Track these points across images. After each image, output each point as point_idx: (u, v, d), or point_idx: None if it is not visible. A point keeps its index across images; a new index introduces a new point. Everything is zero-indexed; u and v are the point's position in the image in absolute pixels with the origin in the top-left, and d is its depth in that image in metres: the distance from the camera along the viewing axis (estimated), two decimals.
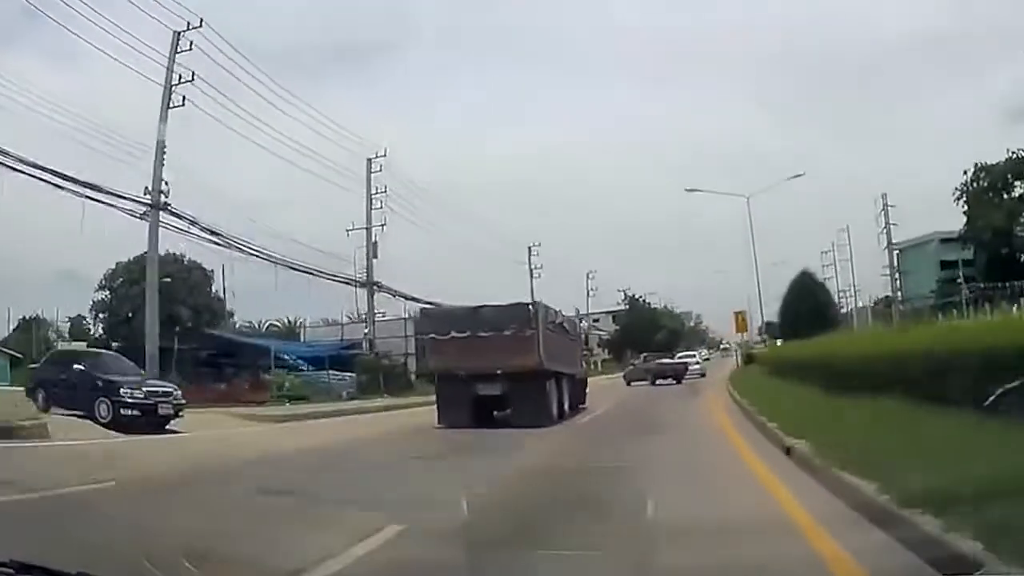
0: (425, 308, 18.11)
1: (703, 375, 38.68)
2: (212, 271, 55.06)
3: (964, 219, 64.61)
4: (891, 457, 5.74)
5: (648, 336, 78.66)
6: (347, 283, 35.31)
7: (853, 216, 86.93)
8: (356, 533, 5.00)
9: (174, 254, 52.66)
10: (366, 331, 36.58)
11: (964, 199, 63.00)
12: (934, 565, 3.66)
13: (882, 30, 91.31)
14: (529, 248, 57.51)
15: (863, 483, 5.22)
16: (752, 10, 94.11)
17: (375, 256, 36.19)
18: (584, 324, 38.15)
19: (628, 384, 36.58)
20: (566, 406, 16.24)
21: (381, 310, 38.52)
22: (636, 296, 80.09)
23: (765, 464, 7.87)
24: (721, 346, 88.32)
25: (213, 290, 58.18)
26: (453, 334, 14.89)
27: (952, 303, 62.75)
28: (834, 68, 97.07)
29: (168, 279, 53.37)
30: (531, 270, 56.82)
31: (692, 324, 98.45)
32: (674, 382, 34.54)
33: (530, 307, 14.91)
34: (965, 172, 62.97)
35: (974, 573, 3.12)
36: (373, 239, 36.54)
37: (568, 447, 11.48)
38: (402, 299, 38.49)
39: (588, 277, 73.07)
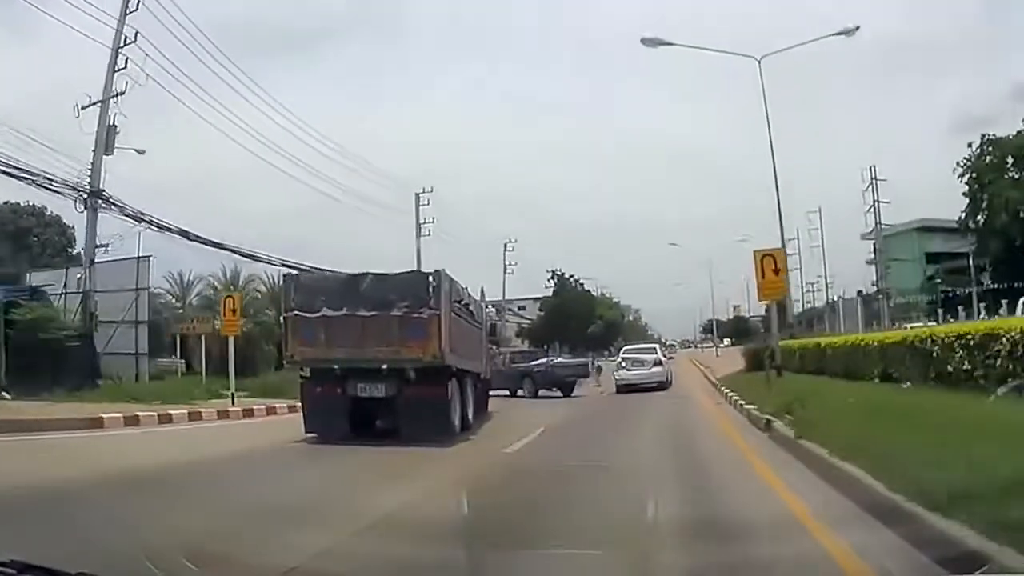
0: (292, 273, 16.62)
1: (664, 386, 28.91)
2: (72, 226, 52.32)
3: (965, 201, 67.97)
4: None
5: (580, 325, 78.73)
6: (50, 189, 24.74)
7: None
8: None
9: (33, 205, 51.13)
10: (79, 276, 26.98)
11: (968, 177, 66.65)
12: None
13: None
14: (417, 195, 48.77)
15: None
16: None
17: (109, 152, 25.81)
18: (491, 310, 33.69)
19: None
20: (470, 415, 15.19)
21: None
22: (567, 275, 79.87)
23: None
24: (667, 343, 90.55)
25: (75, 249, 55.98)
26: (325, 311, 13.43)
27: (953, 298, 66.28)
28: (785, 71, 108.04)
29: None
30: (418, 224, 48.04)
31: (631, 319, 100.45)
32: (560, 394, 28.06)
33: (430, 278, 13.55)
34: (970, 145, 66.75)
35: (977, 571, 3.73)
36: (109, 120, 26.01)
37: None
38: (153, 228, 27.38)
39: (505, 248, 66.41)
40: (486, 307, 23.92)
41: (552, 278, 79.41)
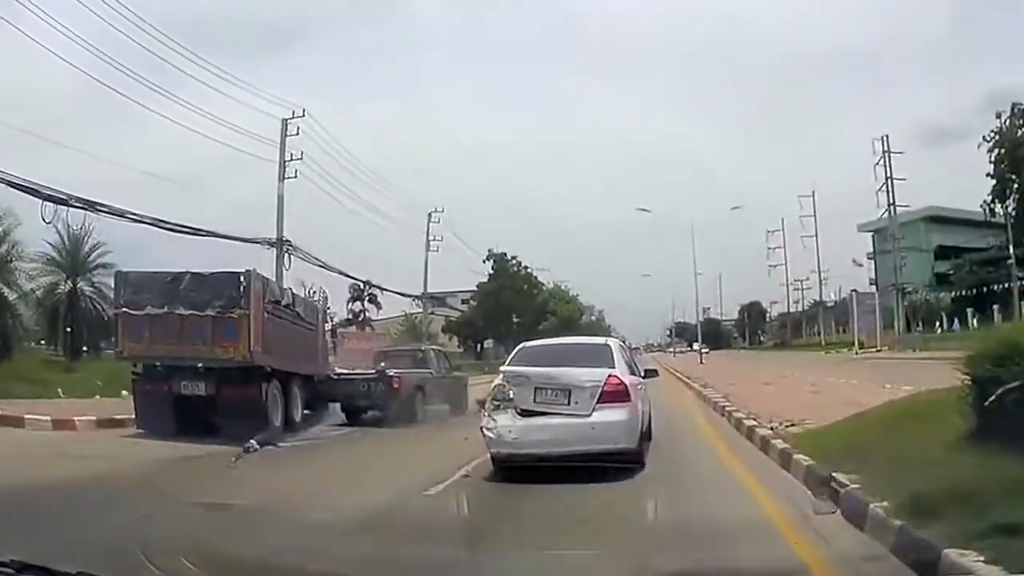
0: (122, 271, 21.16)
1: (630, 457, 12.60)
2: None
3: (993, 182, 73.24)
4: None
5: (530, 321, 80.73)
6: None
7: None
8: None
9: None
10: None
11: (996, 153, 71.99)
12: None
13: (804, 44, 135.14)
14: (284, 121, 45.25)
15: None
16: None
17: None
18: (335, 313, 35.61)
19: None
20: (296, 417, 19.86)
21: None
22: (507, 256, 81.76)
23: None
24: (631, 347, 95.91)
25: None
26: (149, 309, 17.99)
27: (985, 295, 71.42)
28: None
29: None
30: (282, 167, 45.21)
31: (593, 319, 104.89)
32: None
33: (241, 278, 18.01)
34: (999, 116, 72.04)
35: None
36: None
37: None
38: None
39: (430, 218, 69.50)
40: (327, 309, 28.47)
41: (489, 258, 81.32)
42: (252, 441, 15.83)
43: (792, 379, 32.87)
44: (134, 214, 35.28)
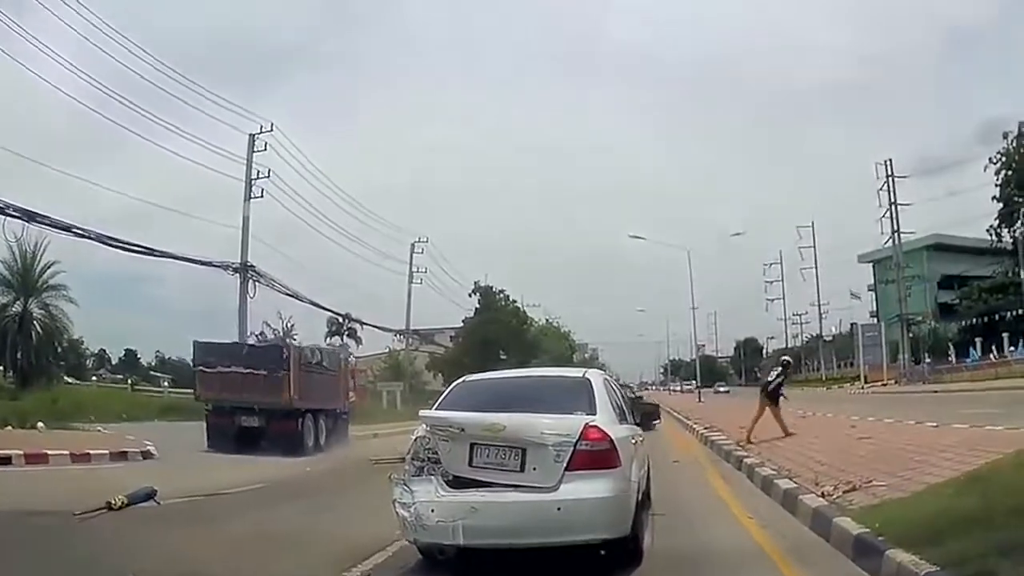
0: (198, 340, 33.16)
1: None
2: None
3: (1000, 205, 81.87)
4: None
5: (519, 357, 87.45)
6: None
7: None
8: None
9: None
10: None
11: (1003, 175, 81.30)
12: None
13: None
14: (251, 137, 55.22)
15: None
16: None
17: None
18: (350, 358, 47.60)
19: None
20: (322, 440, 32.42)
21: None
22: (494, 289, 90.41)
23: None
24: (624, 385, 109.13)
25: None
26: (219, 368, 30.78)
27: (996, 323, 78.94)
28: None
29: None
30: (248, 186, 53.97)
31: (586, 356, 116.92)
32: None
33: (283, 351, 31.31)
34: (1005, 136, 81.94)
35: None
36: None
37: None
38: None
39: (413, 248, 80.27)
40: (346, 358, 43.32)
41: (475, 291, 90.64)
42: (124, 497, 15.33)
43: (814, 419, 33.61)
44: (80, 228, 40.67)
